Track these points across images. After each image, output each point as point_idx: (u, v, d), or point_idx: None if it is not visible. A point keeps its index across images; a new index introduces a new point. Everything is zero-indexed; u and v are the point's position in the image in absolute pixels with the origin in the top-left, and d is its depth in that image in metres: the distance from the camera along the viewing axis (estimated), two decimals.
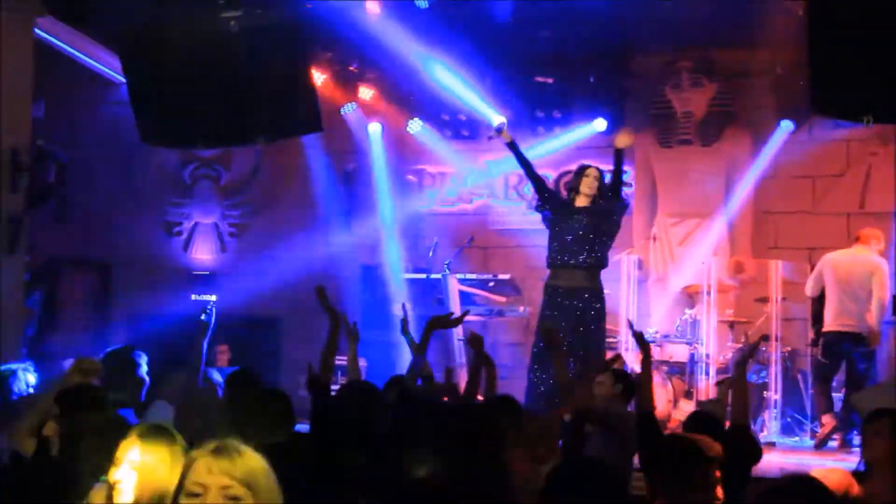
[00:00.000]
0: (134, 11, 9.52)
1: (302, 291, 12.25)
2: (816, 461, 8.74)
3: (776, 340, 10.78)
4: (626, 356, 10.75)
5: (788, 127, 11.75)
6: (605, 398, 6.34)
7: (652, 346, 10.78)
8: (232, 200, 13.81)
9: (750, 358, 5.88)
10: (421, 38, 11.01)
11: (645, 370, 5.63)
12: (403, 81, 12.20)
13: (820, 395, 10.22)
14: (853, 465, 5.37)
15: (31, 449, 4.80)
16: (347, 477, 4.28)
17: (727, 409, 6.08)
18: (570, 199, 8.88)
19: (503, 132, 9.22)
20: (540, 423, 5.12)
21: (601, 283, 8.88)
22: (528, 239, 11.68)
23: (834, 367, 10.18)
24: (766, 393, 10.70)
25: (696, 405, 9.97)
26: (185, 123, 9.79)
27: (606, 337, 10.94)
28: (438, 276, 11.61)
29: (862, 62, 7.55)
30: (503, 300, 11.88)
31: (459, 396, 6.20)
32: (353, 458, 4.38)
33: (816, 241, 11.70)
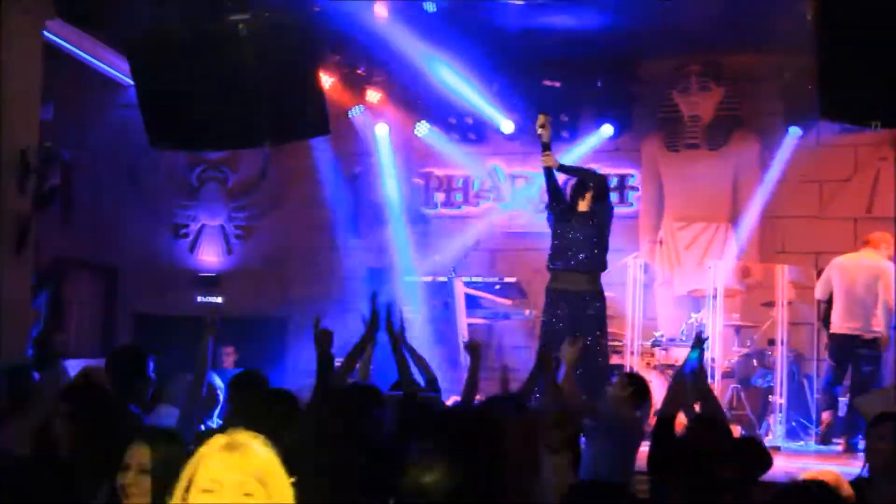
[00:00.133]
0: (142, 14, 9.51)
1: (308, 293, 12.38)
2: (821, 465, 8.71)
3: (782, 345, 10.77)
4: (631, 360, 10.78)
5: (797, 133, 11.75)
6: (615, 399, 6.34)
7: (657, 349, 10.88)
8: (239, 203, 13.83)
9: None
10: (428, 41, 11.03)
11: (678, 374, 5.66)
12: (411, 84, 12.22)
13: (824, 393, 10.43)
14: (857, 469, 5.34)
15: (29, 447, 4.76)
16: (346, 475, 4.28)
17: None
18: (573, 202, 8.84)
19: (544, 132, 8.73)
20: (555, 416, 5.13)
21: (601, 285, 8.84)
22: (534, 242, 11.65)
23: (841, 369, 10.24)
24: (771, 397, 10.69)
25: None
26: (192, 126, 9.77)
27: (613, 340, 10.98)
28: (444, 279, 11.62)
29: (870, 66, 7.51)
30: (509, 303, 11.89)
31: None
32: (350, 454, 4.38)
33: (823, 245, 11.69)
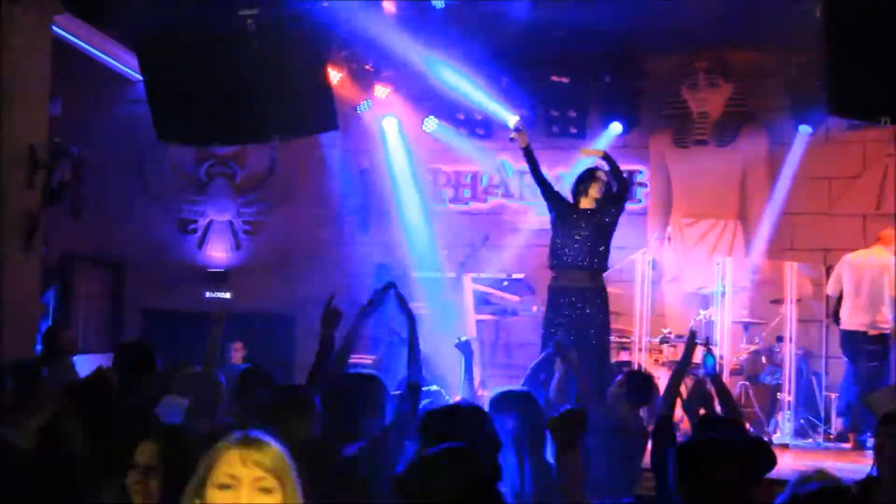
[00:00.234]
0: (151, 9, 9.53)
1: (317, 289, 12.38)
2: (830, 463, 8.70)
3: (790, 342, 10.75)
4: (639, 357, 10.76)
5: (807, 131, 11.73)
6: (614, 398, 6.34)
7: (665, 346, 10.86)
8: (247, 198, 13.84)
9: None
10: (436, 37, 11.01)
11: (675, 377, 5.62)
12: (419, 80, 12.19)
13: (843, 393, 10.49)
14: (866, 466, 5.32)
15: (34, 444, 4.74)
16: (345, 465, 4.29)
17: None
18: (575, 200, 8.72)
19: (521, 134, 9.02)
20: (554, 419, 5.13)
21: (604, 282, 8.77)
22: (542, 238, 11.58)
23: (854, 366, 10.26)
24: (779, 394, 10.67)
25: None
26: (200, 121, 9.79)
27: (621, 337, 10.98)
28: (452, 275, 11.61)
29: (879, 63, 7.50)
30: (517, 299, 11.87)
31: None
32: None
33: (832, 242, 11.68)
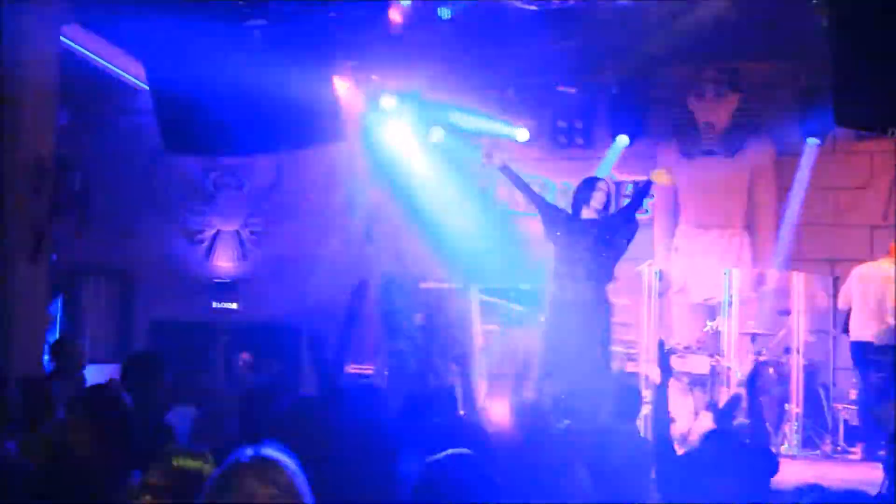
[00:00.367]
0: (158, 20, 9.55)
1: (323, 299, 12.38)
2: (837, 474, 8.69)
3: (797, 353, 10.74)
4: (646, 368, 10.74)
5: (815, 143, 11.71)
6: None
7: (673, 357, 10.82)
8: (254, 208, 13.84)
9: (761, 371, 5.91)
10: (443, 47, 11.01)
11: (660, 392, 5.62)
12: (425, 90, 12.21)
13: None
14: (874, 478, 5.32)
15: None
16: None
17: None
18: (576, 210, 8.67)
19: (493, 157, 8.90)
20: None
21: (607, 295, 8.71)
22: (548, 249, 11.66)
23: (861, 377, 10.27)
24: (786, 405, 10.65)
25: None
26: (207, 132, 9.81)
27: (628, 348, 10.96)
28: (459, 285, 11.61)
29: (886, 74, 7.49)
30: (524, 310, 11.85)
31: None
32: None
33: (839, 252, 11.66)
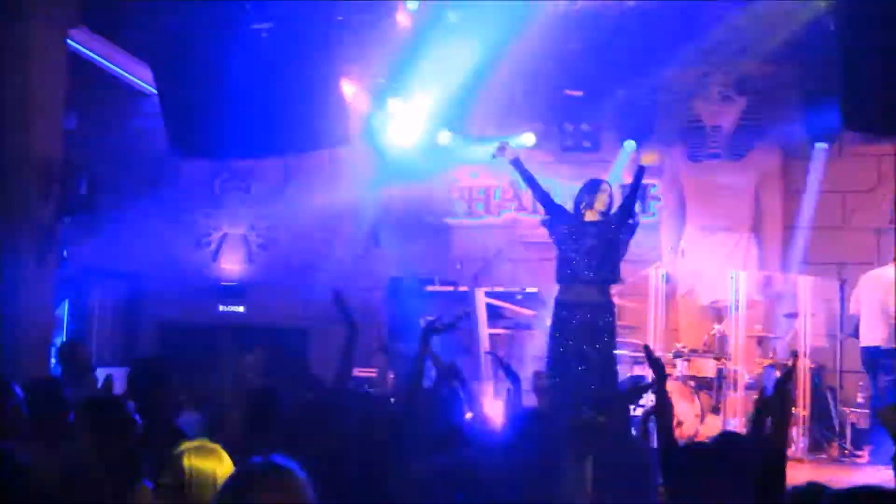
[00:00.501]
0: (166, 23, 9.58)
1: (330, 302, 12.38)
2: (845, 478, 8.67)
3: (805, 356, 10.72)
4: (652, 372, 10.71)
5: (823, 148, 11.69)
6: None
7: (679, 360, 10.82)
8: (261, 211, 13.86)
9: (791, 377, 5.77)
10: (450, 50, 11.01)
11: (659, 391, 5.61)
12: (433, 93, 12.20)
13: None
14: (881, 481, 5.29)
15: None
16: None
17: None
18: (579, 212, 8.64)
19: (506, 150, 8.92)
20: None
21: (611, 297, 8.68)
22: (555, 252, 11.67)
23: (871, 380, 10.29)
24: (794, 409, 10.63)
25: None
26: (215, 135, 9.82)
27: (635, 351, 10.95)
28: (466, 288, 11.61)
29: (894, 77, 7.50)
30: (531, 313, 11.85)
31: None
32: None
33: (846, 256, 11.65)
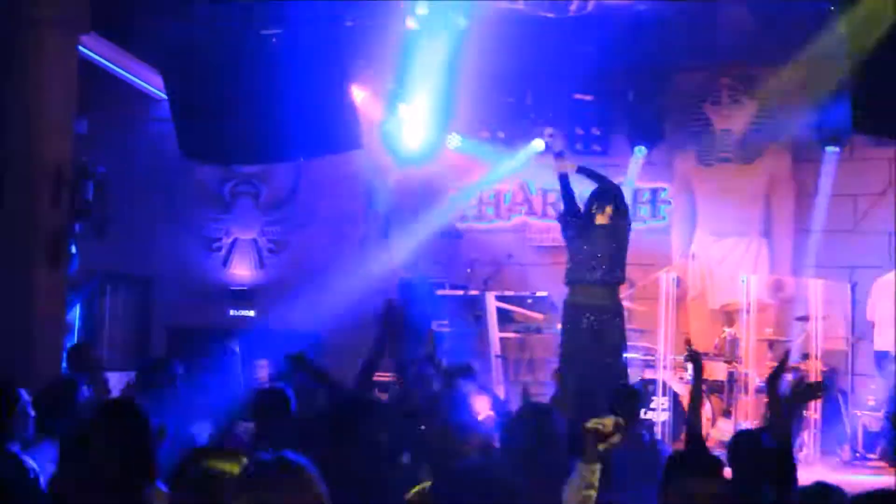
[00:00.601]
0: (176, 29, 9.60)
1: (341, 307, 12.39)
2: (856, 480, 8.64)
3: (816, 359, 10.70)
4: (664, 374, 10.72)
5: (834, 151, 11.67)
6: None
7: (690, 364, 10.79)
8: (271, 216, 13.88)
9: (782, 373, 5.76)
10: (461, 54, 11.01)
11: (694, 391, 5.64)
12: (443, 98, 12.20)
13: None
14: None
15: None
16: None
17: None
18: (590, 216, 8.61)
19: (555, 140, 9.03)
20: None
21: (620, 299, 8.70)
22: (565, 256, 11.65)
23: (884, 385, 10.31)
24: (805, 412, 10.61)
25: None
26: (225, 140, 9.86)
27: (646, 355, 10.94)
28: (476, 292, 11.61)
29: None
30: (541, 317, 11.84)
31: None
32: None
33: (858, 259, 11.62)
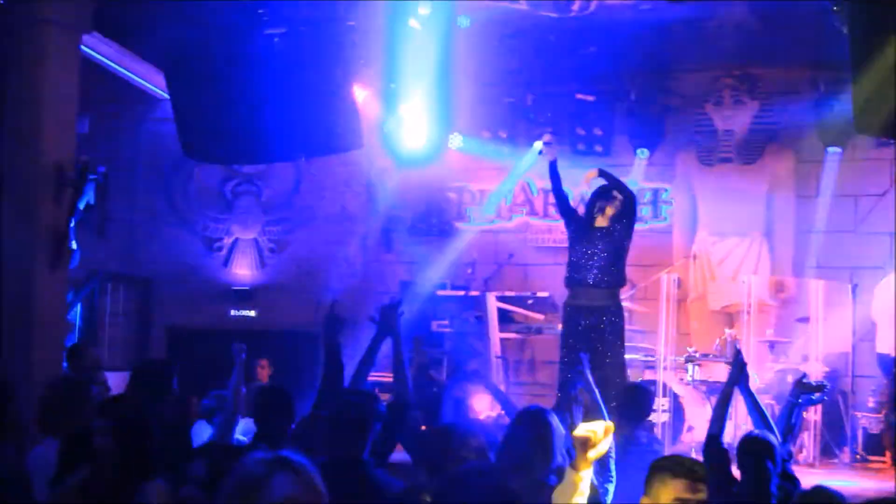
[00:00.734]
0: (178, 28, 9.60)
1: (341, 307, 12.39)
2: (856, 482, 8.65)
3: (816, 361, 10.69)
4: (664, 375, 10.71)
5: (835, 152, 11.66)
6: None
7: (690, 365, 10.79)
8: (272, 216, 13.88)
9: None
10: (462, 54, 11.02)
11: (723, 397, 5.67)
12: (444, 98, 12.20)
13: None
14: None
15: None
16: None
17: None
18: (591, 217, 8.66)
19: (551, 148, 9.04)
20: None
21: (620, 300, 8.72)
22: (566, 257, 11.65)
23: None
24: (805, 414, 10.60)
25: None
26: (227, 139, 9.86)
27: (647, 356, 10.93)
28: (477, 293, 11.60)
29: None
30: (542, 318, 11.84)
31: None
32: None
33: (859, 260, 11.61)
